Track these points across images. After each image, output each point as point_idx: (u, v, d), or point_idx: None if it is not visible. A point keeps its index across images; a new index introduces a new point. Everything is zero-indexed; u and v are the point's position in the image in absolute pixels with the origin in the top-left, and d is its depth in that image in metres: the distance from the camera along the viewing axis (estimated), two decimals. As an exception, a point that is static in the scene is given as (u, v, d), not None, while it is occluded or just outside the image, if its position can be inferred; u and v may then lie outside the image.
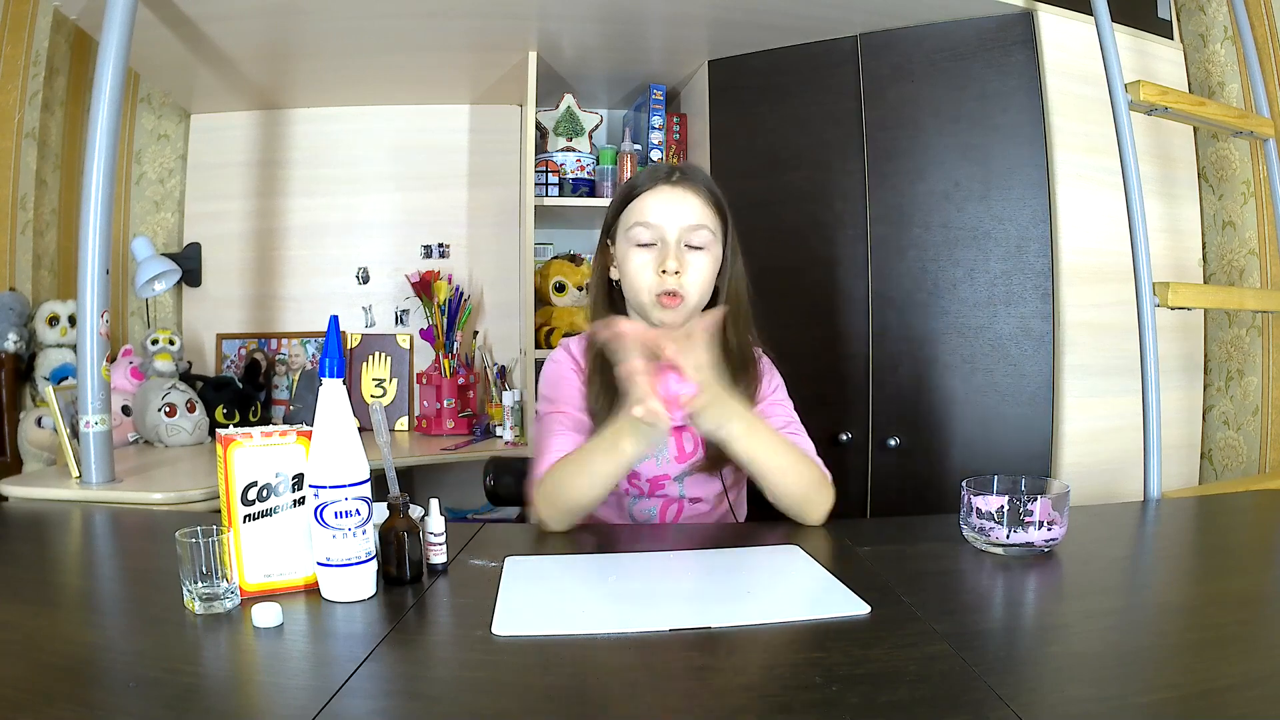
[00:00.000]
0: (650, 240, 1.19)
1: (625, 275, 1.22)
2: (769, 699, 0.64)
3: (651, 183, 1.21)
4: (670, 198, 1.19)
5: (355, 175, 2.63)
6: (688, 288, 1.18)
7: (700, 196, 1.20)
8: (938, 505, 1.32)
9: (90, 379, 1.60)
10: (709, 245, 1.20)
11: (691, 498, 1.27)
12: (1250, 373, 1.95)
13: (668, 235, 1.18)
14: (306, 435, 0.86)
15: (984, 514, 1.00)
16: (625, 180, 1.27)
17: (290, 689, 0.67)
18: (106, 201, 1.60)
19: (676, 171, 1.21)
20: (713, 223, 1.21)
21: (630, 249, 1.21)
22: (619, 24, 2.06)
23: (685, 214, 1.19)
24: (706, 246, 1.20)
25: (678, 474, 1.25)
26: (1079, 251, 1.87)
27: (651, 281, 1.18)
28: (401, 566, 0.90)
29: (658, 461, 1.24)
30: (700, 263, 1.19)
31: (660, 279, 1.18)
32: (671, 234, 1.18)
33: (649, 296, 1.19)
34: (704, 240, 1.19)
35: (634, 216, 1.21)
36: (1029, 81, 1.88)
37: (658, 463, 1.24)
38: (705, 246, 1.20)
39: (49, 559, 1.11)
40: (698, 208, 1.19)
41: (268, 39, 2.09)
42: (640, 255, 1.20)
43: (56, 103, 2.36)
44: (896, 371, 1.99)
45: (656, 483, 1.25)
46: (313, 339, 2.59)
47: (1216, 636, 0.75)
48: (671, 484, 1.26)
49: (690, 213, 1.19)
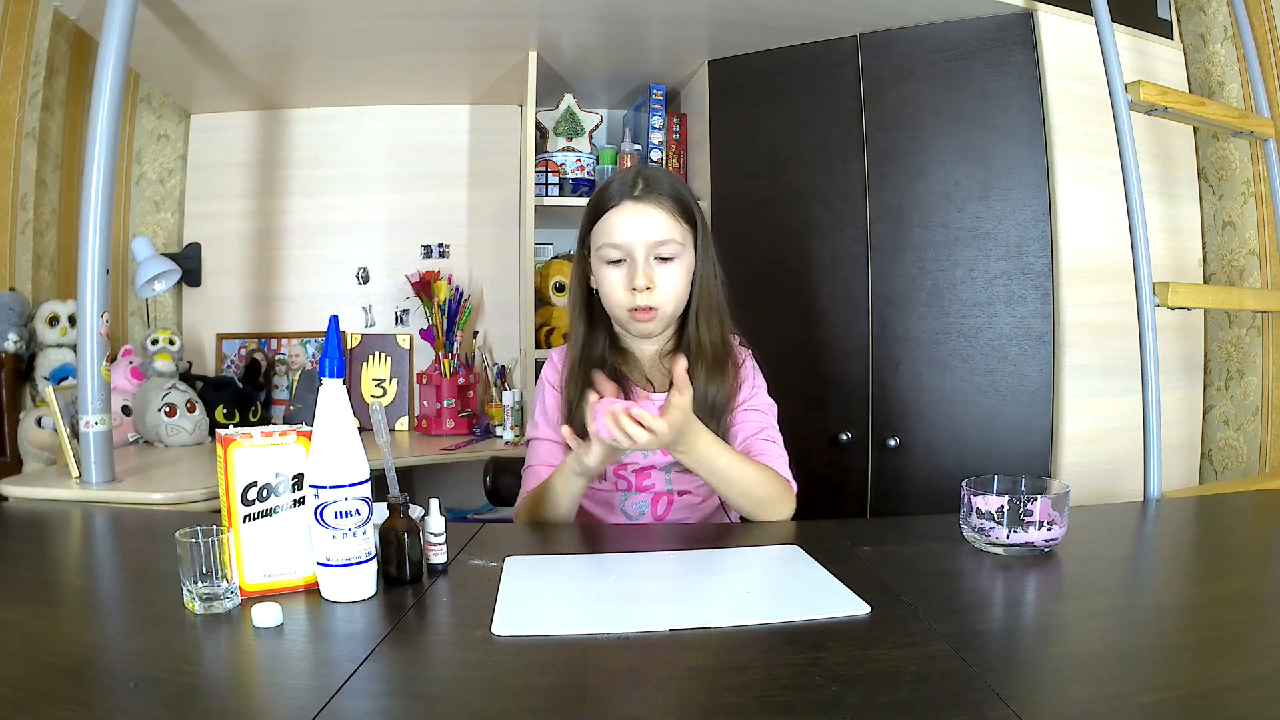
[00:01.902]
0: (619, 258, 1.23)
1: (601, 291, 1.27)
2: (769, 699, 0.64)
3: (618, 198, 1.23)
4: (635, 215, 1.21)
5: (355, 175, 2.63)
6: (660, 299, 1.22)
7: (664, 209, 1.22)
8: (938, 505, 1.32)
9: (90, 379, 1.60)
10: (679, 254, 1.23)
11: (680, 490, 1.28)
12: (1250, 373, 1.95)
13: (635, 253, 1.21)
14: (306, 435, 0.86)
15: (984, 514, 1.00)
16: (596, 190, 1.29)
17: (290, 689, 0.67)
18: (106, 201, 1.60)
19: (640, 183, 1.23)
20: (679, 233, 1.23)
21: (603, 266, 1.25)
22: (619, 24, 2.06)
23: (650, 230, 1.21)
24: (676, 256, 1.23)
25: (664, 465, 1.26)
26: (1079, 251, 1.87)
27: (624, 298, 1.23)
28: (401, 566, 0.90)
29: (644, 454, 1.26)
30: (671, 273, 1.23)
31: (632, 295, 1.22)
32: (639, 251, 1.21)
33: (623, 312, 1.24)
34: (672, 251, 1.22)
35: (602, 236, 1.24)
36: (1029, 81, 1.88)
37: (644, 455, 1.26)
38: (675, 256, 1.23)
39: (49, 559, 1.11)
40: (662, 222, 1.21)
41: (268, 39, 2.09)
42: (612, 273, 1.23)
43: (56, 103, 2.36)
44: (896, 371, 1.99)
45: (643, 474, 1.27)
46: (313, 339, 2.59)
47: (1216, 636, 0.75)
48: (658, 475, 1.27)
49: (655, 228, 1.21)
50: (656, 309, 1.22)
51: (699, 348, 1.26)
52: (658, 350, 1.32)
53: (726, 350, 1.28)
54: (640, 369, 1.31)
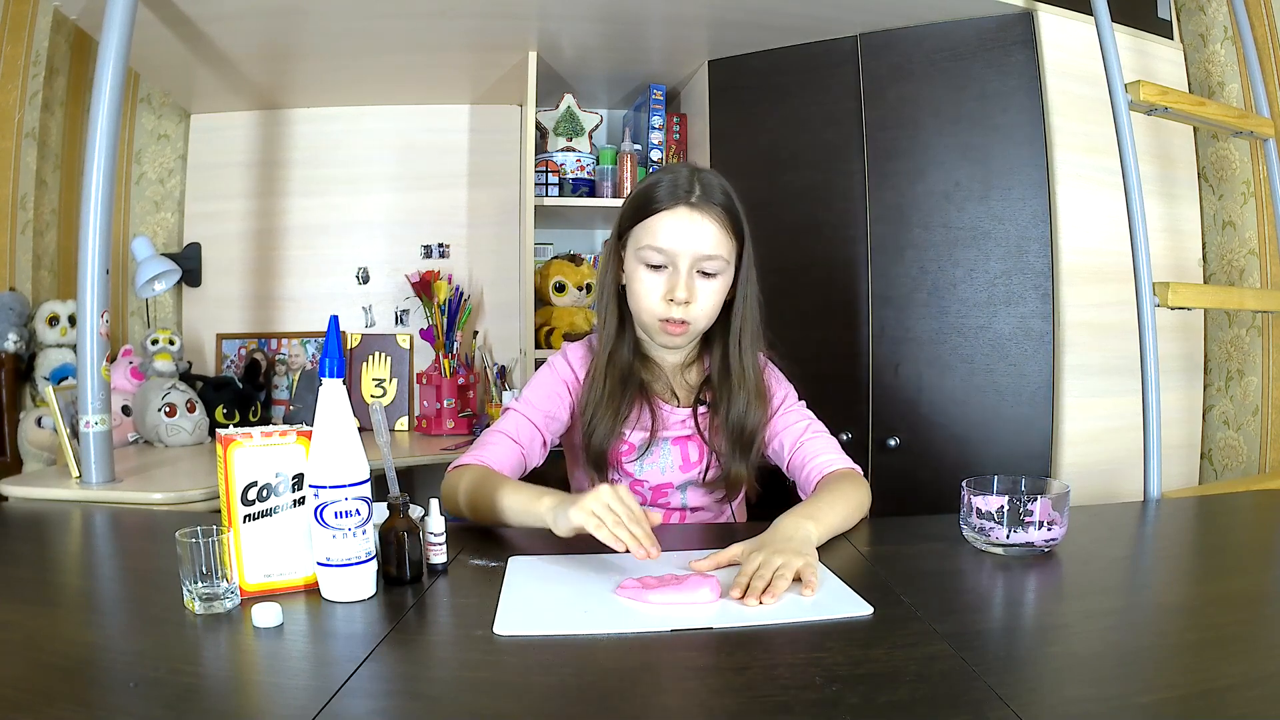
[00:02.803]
0: (661, 263, 1.16)
1: (632, 292, 1.20)
2: (769, 699, 0.64)
3: (671, 201, 1.15)
4: (687, 223, 1.14)
5: (355, 175, 2.63)
6: (695, 314, 1.16)
7: (717, 221, 1.15)
8: (938, 505, 1.32)
9: (90, 379, 1.60)
10: (722, 270, 1.17)
11: (693, 507, 1.26)
12: (1250, 373, 1.95)
13: (680, 263, 1.14)
14: (306, 435, 0.86)
15: (984, 514, 1.00)
16: (644, 183, 1.18)
17: (290, 689, 0.67)
18: (106, 201, 1.59)
19: (697, 190, 1.15)
20: (727, 249, 1.17)
21: (639, 268, 1.17)
22: (619, 24, 2.06)
23: (700, 242, 1.14)
24: (719, 272, 1.17)
25: (681, 483, 1.24)
26: (1079, 251, 1.87)
27: (659, 307, 1.16)
28: (401, 566, 0.90)
29: (662, 470, 1.23)
30: (710, 289, 1.17)
31: (667, 306, 1.15)
32: (684, 262, 1.14)
33: (653, 320, 1.17)
34: (717, 268, 1.16)
35: (647, 237, 1.16)
36: (1029, 81, 1.88)
37: (662, 471, 1.23)
38: (718, 273, 1.17)
39: (49, 559, 1.11)
40: (713, 235, 1.15)
41: (268, 39, 2.09)
42: (650, 278, 1.16)
43: (56, 103, 2.36)
44: (896, 371, 1.99)
45: (659, 491, 1.25)
46: (313, 339, 2.59)
47: (1216, 636, 0.75)
48: (674, 493, 1.25)
49: (705, 241, 1.14)
50: (689, 323, 1.16)
51: (743, 374, 1.20)
52: (680, 361, 1.28)
53: (759, 377, 1.23)
54: (664, 379, 1.26)
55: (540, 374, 1.27)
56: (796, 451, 1.22)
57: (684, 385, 1.27)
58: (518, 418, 1.22)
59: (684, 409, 1.25)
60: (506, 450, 1.19)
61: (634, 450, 1.23)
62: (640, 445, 1.22)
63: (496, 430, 1.22)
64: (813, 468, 1.19)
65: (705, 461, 1.24)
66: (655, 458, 1.23)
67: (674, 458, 1.24)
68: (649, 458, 1.23)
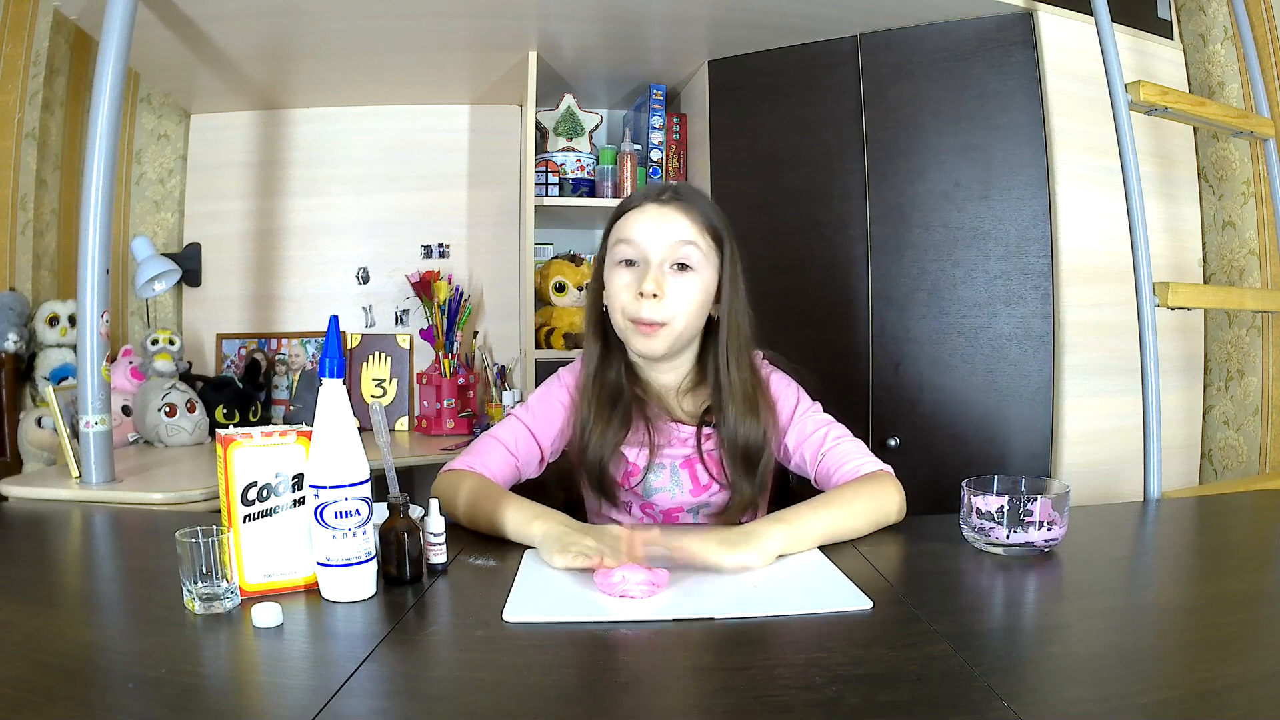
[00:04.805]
0: (632, 258, 1.13)
1: (608, 296, 1.15)
2: (769, 699, 0.64)
3: (642, 200, 1.14)
4: (658, 216, 1.12)
5: (355, 175, 2.63)
6: (669, 312, 1.10)
7: (690, 216, 1.12)
8: (938, 505, 1.32)
9: (90, 379, 1.60)
10: (699, 266, 1.12)
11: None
12: (1250, 373, 1.95)
13: (650, 255, 1.11)
14: (306, 435, 0.86)
15: (984, 514, 1.00)
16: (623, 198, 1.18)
17: (290, 689, 0.67)
18: (106, 201, 1.60)
19: (669, 190, 1.15)
20: (703, 243, 1.12)
21: (613, 268, 1.14)
22: (619, 24, 2.06)
23: (671, 231, 1.11)
24: (696, 268, 1.12)
25: (692, 507, 1.22)
26: (1079, 251, 1.87)
27: (629, 304, 1.11)
28: (401, 566, 0.90)
29: (672, 494, 1.21)
30: (686, 285, 1.11)
31: (638, 302, 1.10)
32: (655, 253, 1.11)
33: (625, 321, 1.13)
34: (692, 259, 1.11)
35: (619, 234, 1.14)
36: (1029, 81, 1.88)
37: (672, 495, 1.21)
38: (694, 268, 1.12)
39: (49, 559, 1.11)
40: (685, 226, 1.11)
41: (268, 39, 2.09)
42: (622, 275, 1.13)
43: (56, 103, 2.36)
44: (896, 371, 1.99)
45: (670, 516, 1.23)
46: (313, 339, 2.59)
47: (1216, 636, 0.75)
48: (686, 516, 1.23)
49: (676, 230, 1.11)
50: (663, 324, 1.11)
51: (730, 387, 1.15)
52: (677, 384, 1.22)
53: (756, 383, 1.18)
54: (660, 399, 1.22)
55: (543, 389, 1.26)
56: (820, 463, 1.16)
57: (686, 408, 1.23)
58: (517, 428, 1.20)
59: (688, 429, 1.22)
60: (501, 460, 1.17)
61: (639, 472, 1.20)
62: (644, 467, 1.19)
63: (494, 438, 1.19)
64: (839, 477, 1.14)
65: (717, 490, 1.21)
66: (663, 481, 1.21)
67: (684, 481, 1.21)
68: (656, 480, 1.20)
